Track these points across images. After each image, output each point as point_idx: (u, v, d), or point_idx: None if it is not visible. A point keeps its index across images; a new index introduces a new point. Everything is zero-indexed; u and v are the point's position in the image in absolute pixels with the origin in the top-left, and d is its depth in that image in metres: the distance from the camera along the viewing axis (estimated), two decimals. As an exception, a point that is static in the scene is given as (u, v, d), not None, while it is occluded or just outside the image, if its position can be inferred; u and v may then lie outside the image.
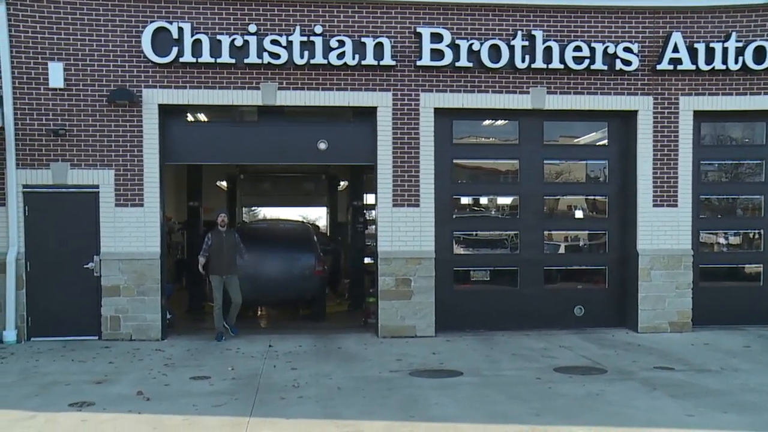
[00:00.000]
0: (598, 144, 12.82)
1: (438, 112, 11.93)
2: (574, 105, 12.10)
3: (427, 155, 11.90)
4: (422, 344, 11.21)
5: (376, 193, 12.04)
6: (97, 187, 11.57)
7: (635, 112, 12.22)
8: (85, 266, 11.59)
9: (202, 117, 15.94)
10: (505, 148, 12.65)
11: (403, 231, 11.90)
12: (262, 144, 12.03)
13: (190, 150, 12.12)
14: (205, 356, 10.43)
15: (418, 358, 10.16)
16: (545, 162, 12.60)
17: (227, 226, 11.79)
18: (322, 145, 11.94)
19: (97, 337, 11.59)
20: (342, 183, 26.95)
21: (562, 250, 12.95)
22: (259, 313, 16.23)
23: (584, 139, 12.92)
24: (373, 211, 14.17)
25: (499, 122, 12.68)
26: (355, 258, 16.67)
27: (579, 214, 13.00)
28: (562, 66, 11.90)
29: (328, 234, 29.67)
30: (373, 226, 13.78)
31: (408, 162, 11.86)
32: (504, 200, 12.93)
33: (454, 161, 12.43)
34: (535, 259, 12.56)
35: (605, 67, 11.99)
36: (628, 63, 11.99)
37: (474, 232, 12.78)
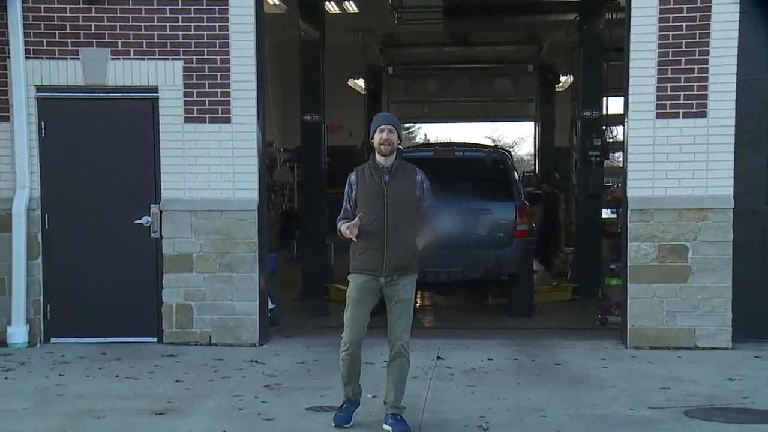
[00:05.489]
0: None
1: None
2: None
3: (723, 20, 11.43)
4: (708, 361, 10.94)
5: (625, 96, 11.78)
6: (156, 89, 11.78)
7: None
8: (136, 222, 11.88)
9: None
10: None
11: (675, 161, 11.60)
12: None
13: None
14: (329, 372, 10.32)
15: (702, 385, 9.88)
16: None
17: (397, 157, 8.56)
18: None
19: (155, 339, 11.92)
20: (563, 79, 26.43)
21: None
22: (420, 302, 16.20)
23: None
24: (619, 128, 13.73)
25: None
26: (584, 210, 16.48)
27: None
28: None
29: (537, 169, 29.37)
30: (619, 155, 13.35)
31: (687, 35, 11.47)
32: None
33: (779, 30, 11.84)
34: None
35: None
36: None
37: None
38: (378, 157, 8.38)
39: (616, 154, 21.51)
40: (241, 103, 11.74)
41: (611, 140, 18.07)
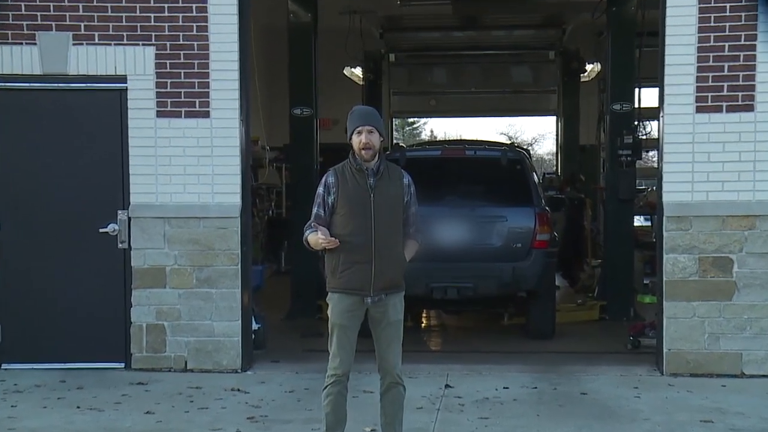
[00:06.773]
0: None
1: None
2: None
3: (771, 0, 11.43)
4: (756, 391, 10.94)
5: (660, 87, 11.78)
6: (124, 79, 11.78)
7: None
8: (101, 230, 11.85)
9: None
10: None
11: (717, 162, 11.61)
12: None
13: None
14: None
15: (750, 419, 9.85)
16: None
17: (380, 157, 8.43)
18: None
19: (122, 365, 11.90)
20: (589, 67, 26.46)
21: None
22: (426, 322, 16.16)
23: None
24: (654, 124, 13.69)
25: None
26: (614, 217, 16.45)
27: None
28: None
29: (560, 170, 29.40)
30: (653, 154, 13.31)
31: (731, 18, 11.45)
32: None
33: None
34: None
35: None
36: None
37: None
38: (361, 159, 8.17)
39: (650, 154, 21.50)
40: (222, 95, 11.73)
41: (644, 137, 17.97)
